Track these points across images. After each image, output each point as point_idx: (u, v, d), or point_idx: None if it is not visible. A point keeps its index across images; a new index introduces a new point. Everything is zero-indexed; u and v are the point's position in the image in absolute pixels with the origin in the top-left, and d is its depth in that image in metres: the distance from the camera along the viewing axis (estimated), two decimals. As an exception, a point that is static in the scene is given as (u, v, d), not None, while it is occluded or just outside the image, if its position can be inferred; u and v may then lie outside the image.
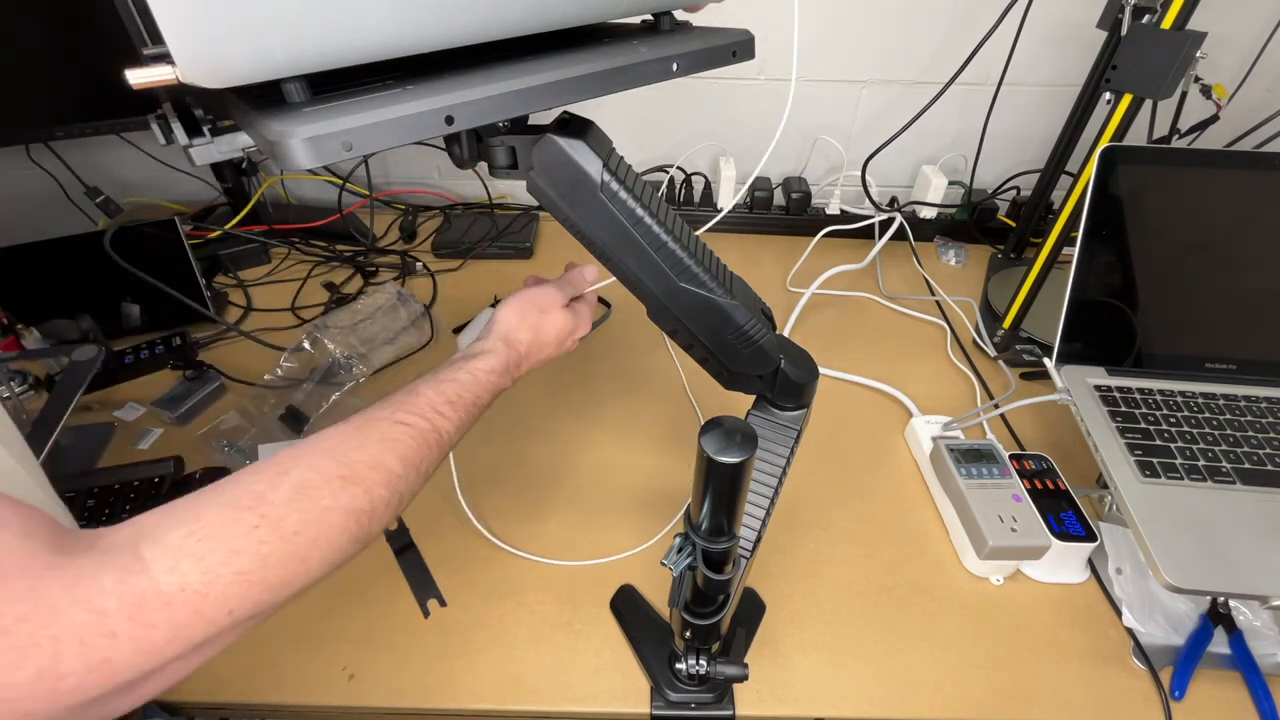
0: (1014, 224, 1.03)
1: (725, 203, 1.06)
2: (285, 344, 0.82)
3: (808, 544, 0.64)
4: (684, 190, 1.06)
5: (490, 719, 0.53)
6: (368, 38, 0.30)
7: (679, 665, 0.50)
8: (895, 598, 0.60)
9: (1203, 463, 0.59)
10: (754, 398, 0.50)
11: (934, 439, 0.68)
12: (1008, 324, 0.83)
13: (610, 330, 0.88)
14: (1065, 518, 0.60)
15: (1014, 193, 1.06)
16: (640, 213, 0.41)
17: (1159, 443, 0.61)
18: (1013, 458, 0.65)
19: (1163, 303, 0.68)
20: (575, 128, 0.41)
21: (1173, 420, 0.63)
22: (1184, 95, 0.73)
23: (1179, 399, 0.65)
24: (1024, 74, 0.93)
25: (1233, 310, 0.68)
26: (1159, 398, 0.65)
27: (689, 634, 0.47)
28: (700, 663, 0.49)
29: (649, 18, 0.44)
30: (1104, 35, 0.75)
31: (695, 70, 0.39)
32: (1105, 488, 0.63)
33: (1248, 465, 0.59)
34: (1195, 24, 0.63)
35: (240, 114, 0.31)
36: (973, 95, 0.95)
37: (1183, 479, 0.58)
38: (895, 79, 1.00)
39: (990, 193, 1.06)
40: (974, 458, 0.65)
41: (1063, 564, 0.60)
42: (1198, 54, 0.63)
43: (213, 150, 0.36)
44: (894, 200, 1.07)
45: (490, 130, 0.40)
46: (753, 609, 0.58)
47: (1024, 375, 0.81)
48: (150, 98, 0.31)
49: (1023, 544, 0.58)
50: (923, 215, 1.05)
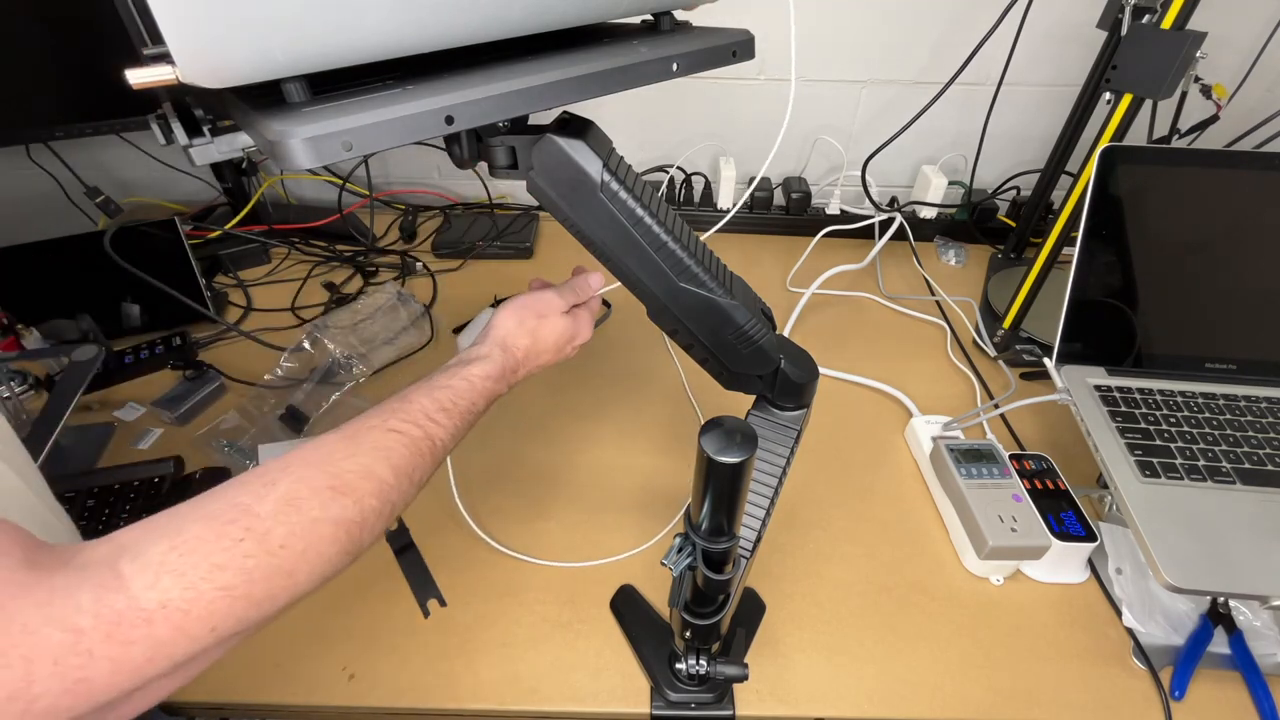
0: (1014, 224, 1.03)
1: (725, 203, 1.06)
2: (285, 344, 0.82)
3: (808, 544, 0.64)
4: (684, 190, 1.06)
5: (490, 719, 0.53)
6: (368, 38, 0.30)
7: (679, 665, 0.50)
8: (895, 598, 0.60)
9: (1203, 463, 0.59)
10: (754, 398, 0.50)
11: (934, 439, 0.68)
12: (1008, 324, 0.83)
13: (610, 330, 0.88)
14: (1065, 518, 0.60)
15: (1014, 193, 1.06)
16: (640, 213, 0.41)
17: (1159, 443, 0.61)
18: (1013, 458, 0.65)
19: (1163, 303, 0.68)
20: (575, 128, 0.41)
21: (1173, 420, 0.63)
22: (1184, 95, 0.73)
23: (1179, 399, 0.65)
24: (1024, 74, 0.93)
25: (1233, 310, 0.68)
26: (1159, 398, 0.65)
27: (689, 634, 0.47)
28: (700, 663, 0.49)
29: (649, 18, 0.44)
30: (1104, 35, 0.75)
31: (695, 70, 0.39)
32: (1105, 488, 0.63)
33: (1248, 465, 0.59)
34: (1195, 24, 0.63)
35: (240, 114, 0.31)
36: (973, 95, 0.95)
37: (1183, 479, 0.58)
38: (895, 79, 1.00)
39: (990, 193, 1.06)
40: (974, 458, 0.65)
41: (1063, 564, 0.60)
42: (1198, 54, 0.64)
43: (213, 150, 0.36)
44: (894, 200, 1.07)
45: (490, 130, 0.40)
46: (753, 609, 0.58)
47: (1024, 375, 0.82)
48: (150, 98, 0.31)
49: (1023, 544, 0.58)
50: (923, 215, 1.05)
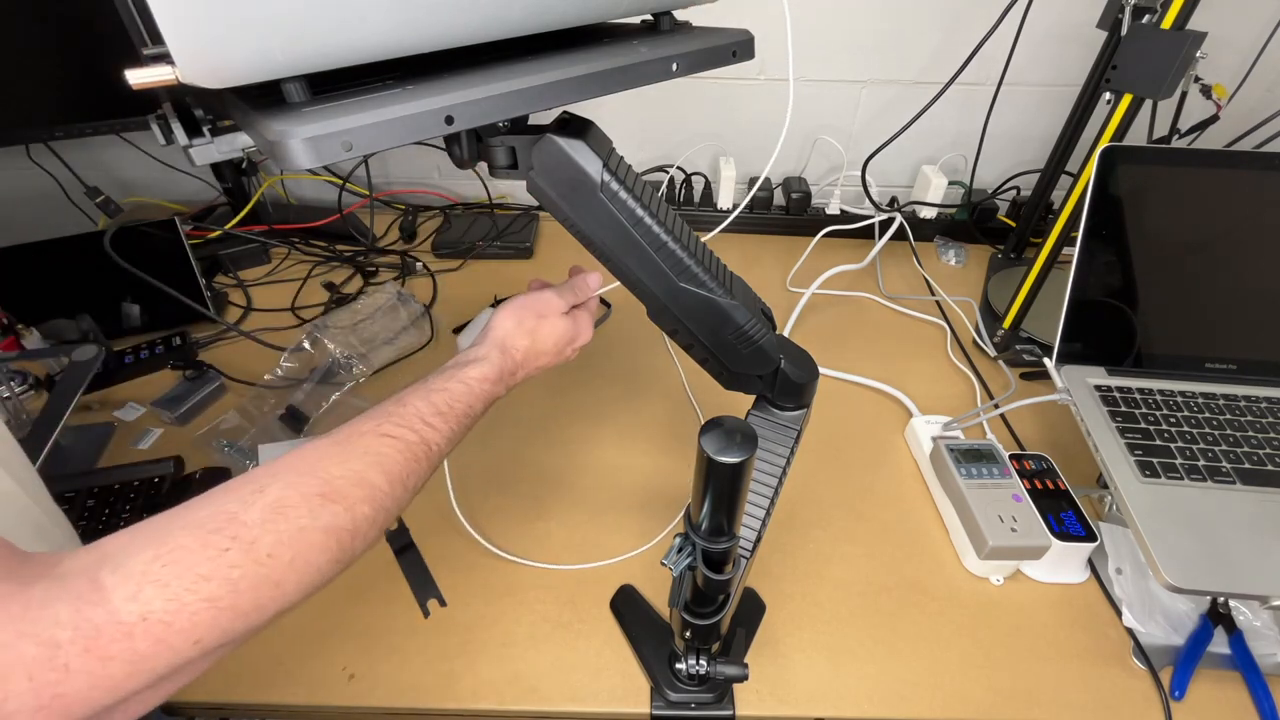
0: (1014, 224, 1.03)
1: (725, 203, 1.06)
2: (285, 344, 0.82)
3: (808, 544, 0.64)
4: (684, 190, 1.06)
5: (490, 719, 0.53)
6: (368, 38, 0.30)
7: (679, 665, 0.50)
8: (895, 598, 0.60)
9: (1203, 463, 0.59)
10: (754, 398, 0.50)
11: (934, 439, 0.68)
12: (1008, 324, 0.83)
13: (610, 330, 0.88)
14: (1065, 518, 0.60)
15: (1014, 193, 1.06)
16: (640, 213, 0.41)
17: (1159, 443, 0.61)
18: (1013, 458, 0.65)
19: (1163, 303, 0.68)
20: (575, 128, 0.41)
21: (1173, 420, 0.63)
22: (1184, 95, 0.73)
23: (1179, 399, 0.65)
24: (1024, 74, 0.93)
25: (1233, 310, 0.68)
26: (1159, 398, 0.65)
27: (689, 634, 0.47)
28: (700, 663, 0.49)
29: (649, 18, 0.43)
30: (1104, 35, 0.75)
31: (695, 70, 0.39)
32: (1105, 488, 0.63)
33: (1248, 465, 0.59)
34: (1195, 24, 0.63)
35: (240, 114, 0.31)
36: (973, 95, 0.95)
37: (1183, 479, 0.58)
38: (895, 79, 1.00)
39: (990, 193, 1.06)
40: (974, 458, 0.65)
41: (1063, 564, 0.60)
42: (1198, 54, 0.64)
43: (213, 150, 0.36)
44: (894, 200, 1.07)
45: (490, 130, 0.40)
46: (753, 609, 0.58)
47: (1024, 375, 0.82)
48: (150, 98, 0.31)
49: (1023, 544, 0.58)
50: (923, 215, 1.05)
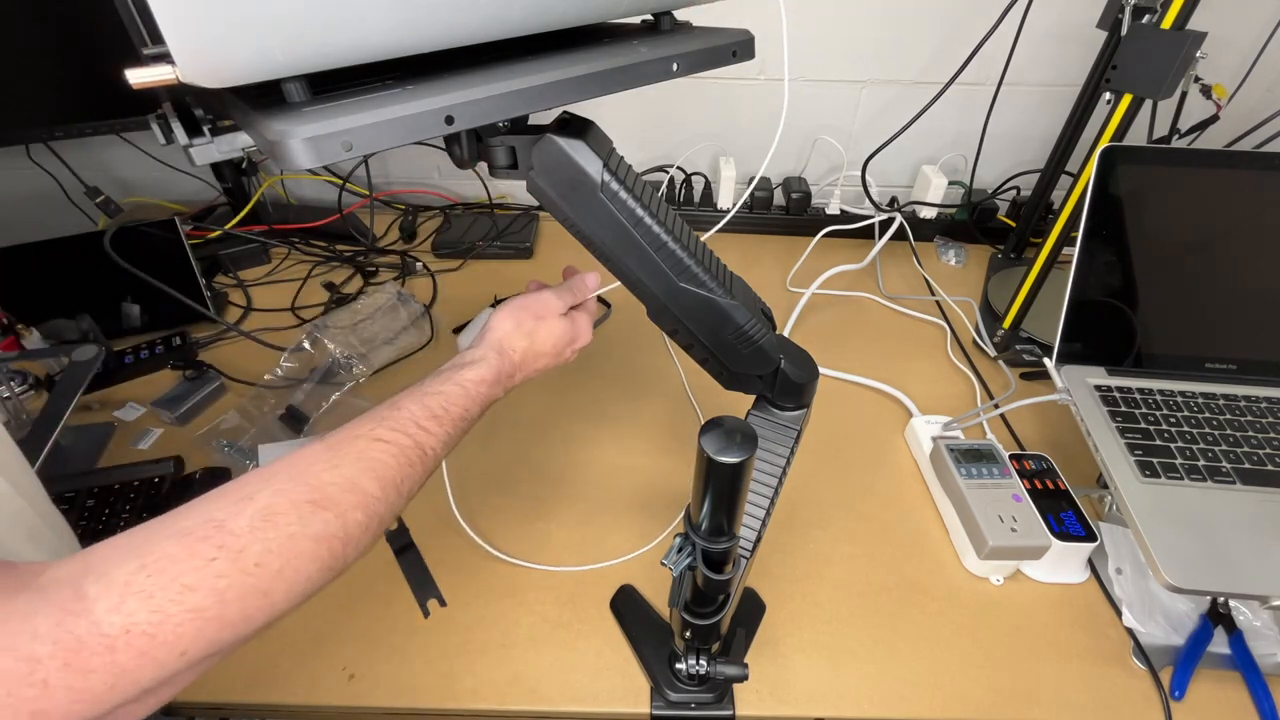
0: (1014, 224, 1.03)
1: (725, 203, 1.06)
2: (285, 344, 0.82)
3: (808, 544, 0.64)
4: (684, 190, 1.06)
5: (490, 719, 0.53)
6: (368, 38, 0.30)
7: (679, 665, 0.50)
8: (895, 598, 0.60)
9: (1203, 463, 0.59)
10: (754, 398, 0.50)
11: (934, 439, 0.68)
12: (1008, 324, 0.83)
13: (610, 330, 0.88)
14: (1065, 518, 0.60)
15: (1014, 193, 1.06)
16: (640, 213, 0.41)
17: (1159, 443, 0.61)
18: (1013, 458, 0.65)
19: (1163, 303, 0.68)
20: (575, 128, 0.41)
21: (1173, 420, 0.63)
22: (1184, 95, 0.73)
23: (1179, 399, 0.65)
24: (1024, 74, 0.93)
25: (1233, 310, 0.68)
26: (1159, 398, 0.65)
27: (689, 634, 0.47)
28: (700, 663, 0.49)
29: (649, 18, 0.43)
30: (1104, 35, 0.75)
31: (695, 70, 0.39)
32: (1105, 488, 0.63)
33: (1248, 465, 0.59)
34: (1195, 24, 0.63)
35: (240, 114, 0.31)
36: (973, 95, 0.95)
37: (1183, 479, 0.58)
38: (895, 79, 1.00)
39: (990, 193, 1.06)
40: (974, 458, 0.65)
41: (1063, 564, 0.60)
42: (1198, 54, 0.64)
43: (213, 150, 0.36)
44: (894, 200, 1.07)
45: (490, 130, 0.40)
46: (753, 609, 0.58)
47: (1024, 375, 0.81)
48: (150, 97, 0.31)
49: (1023, 544, 0.58)
50: (923, 215, 1.05)
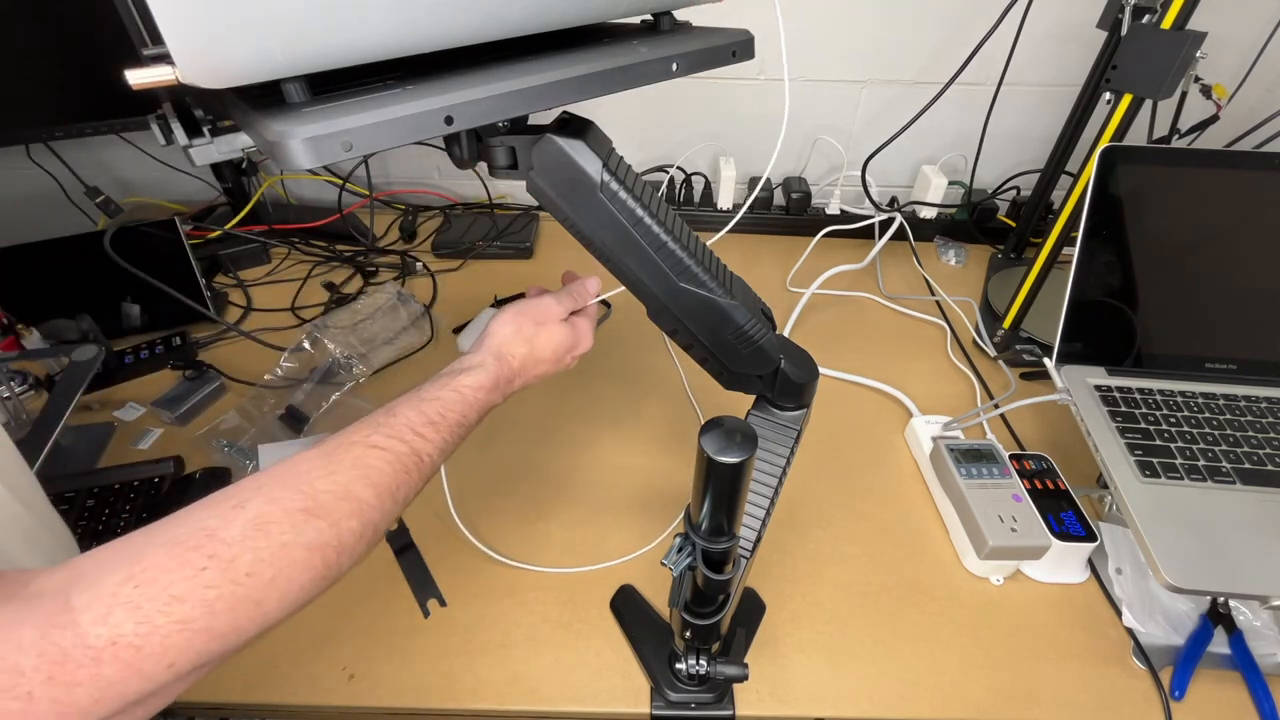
0: (1014, 224, 1.03)
1: (725, 203, 1.06)
2: (285, 344, 0.82)
3: (808, 544, 0.64)
4: (684, 190, 1.06)
5: (490, 719, 0.53)
6: (368, 38, 0.30)
7: (679, 665, 0.50)
8: (895, 598, 0.60)
9: (1203, 463, 0.59)
10: (754, 398, 0.50)
11: (934, 439, 0.68)
12: (1008, 324, 0.83)
13: (610, 330, 0.88)
14: (1065, 518, 0.60)
15: (1014, 193, 1.06)
16: (640, 213, 0.41)
17: (1159, 443, 0.61)
18: (1013, 458, 0.65)
19: (1163, 303, 0.68)
20: (575, 128, 0.41)
21: (1173, 420, 0.63)
22: (1184, 95, 0.73)
23: (1179, 399, 0.65)
24: (1024, 74, 0.93)
25: (1233, 310, 0.68)
26: (1159, 398, 0.65)
27: (689, 634, 0.47)
28: (700, 663, 0.49)
29: (649, 18, 0.44)
30: (1104, 35, 0.75)
31: (695, 70, 0.39)
32: (1105, 488, 0.63)
33: (1248, 465, 0.59)
34: (1195, 24, 0.63)
35: (240, 114, 0.31)
36: (973, 95, 0.95)
37: (1183, 479, 0.58)
38: (895, 79, 1.00)
39: (990, 193, 1.06)
40: (974, 458, 0.65)
41: (1063, 564, 0.60)
42: (1198, 54, 0.64)
43: (212, 150, 0.36)
44: (894, 200, 1.07)
45: (490, 130, 0.40)
46: (753, 609, 0.58)
47: (1024, 375, 0.81)
48: (150, 98, 0.31)
49: (1023, 544, 0.58)
50: (923, 215, 1.05)
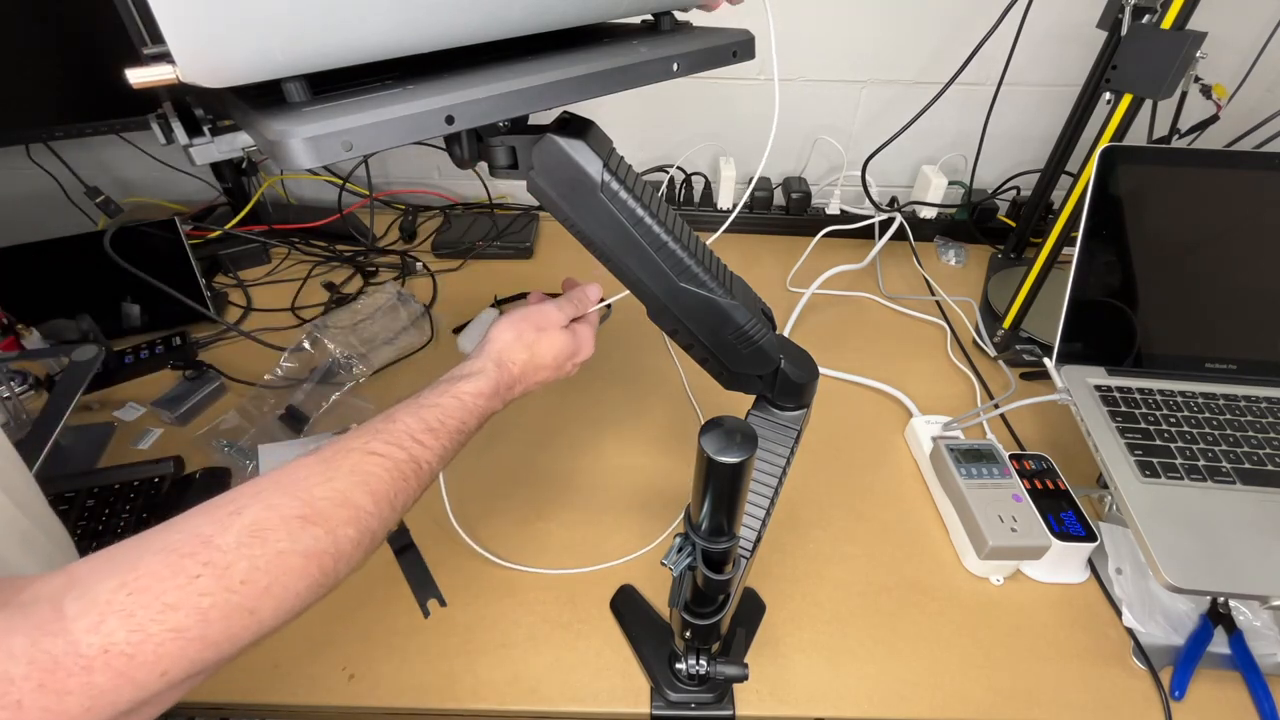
0: (1014, 224, 1.03)
1: (725, 203, 1.06)
2: (285, 344, 0.82)
3: (808, 544, 0.64)
4: (684, 190, 1.06)
5: (490, 719, 0.53)
6: (368, 37, 0.30)
7: (679, 665, 0.50)
8: (895, 598, 0.60)
9: (1203, 463, 0.59)
10: (754, 398, 0.50)
11: (934, 439, 0.68)
12: (1008, 324, 0.83)
13: (610, 331, 0.88)
14: (1065, 518, 0.60)
15: (1014, 193, 1.06)
16: (640, 213, 0.41)
17: (1159, 443, 0.61)
18: (1013, 458, 0.65)
19: (1163, 303, 0.68)
20: (575, 128, 0.41)
21: (1173, 420, 0.63)
22: (1184, 95, 0.73)
23: (1179, 399, 0.65)
24: (1024, 74, 0.93)
25: (1233, 310, 0.68)
26: (1159, 398, 0.65)
27: (689, 634, 0.47)
28: (700, 663, 0.49)
29: (649, 18, 0.44)
30: (1104, 35, 0.75)
31: (695, 70, 0.39)
32: (1105, 488, 0.63)
33: (1248, 465, 0.59)
34: (1195, 24, 0.63)
35: (240, 114, 0.31)
36: (973, 95, 0.95)
37: (1183, 479, 0.58)
38: (895, 79, 1.00)
39: (990, 193, 1.06)
40: (974, 458, 0.65)
41: (1063, 564, 0.60)
42: (1198, 54, 0.64)
43: (213, 150, 0.36)
44: (894, 200, 1.07)
45: (490, 130, 0.40)
46: (753, 609, 0.58)
47: (1024, 375, 0.81)
48: (150, 97, 0.31)
49: (1023, 544, 0.58)
50: (923, 215, 1.05)
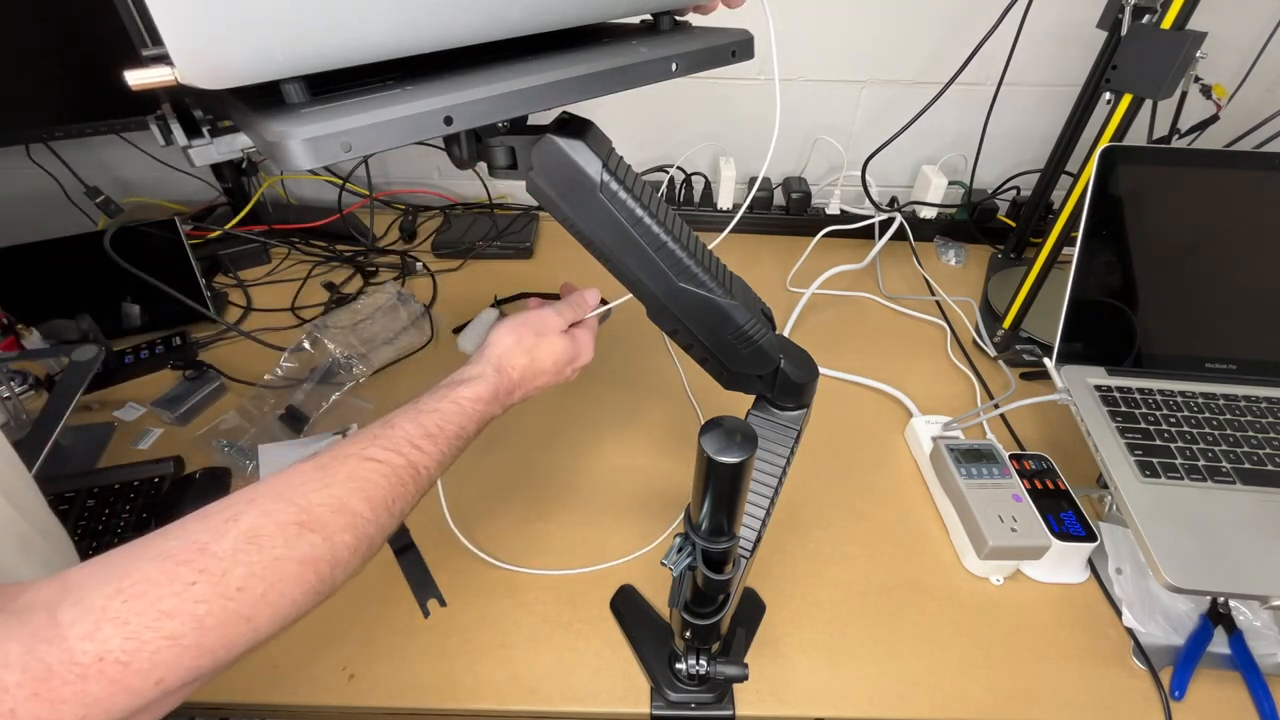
0: (1014, 224, 1.03)
1: (725, 203, 1.06)
2: (285, 344, 0.82)
3: (808, 544, 0.64)
4: (684, 190, 1.06)
5: (490, 719, 0.53)
6: (367, 38, 0.30)
7: (679, 665, 0.50)
8: (895, 598, 0.60)
9: (1203, 463, 0.59)
10: (754, 398, 0.50)
11: (934, 439, 0.68)
12: (1008, 324, 0.83)
13: (610, 331, 0.88)
14: (1065, 518, 0.60)
15: (1014, 193, 1.06)
16: (640, 213, 0.41)
17: (1159, 443, 0.61)
18: (1013, 458, 0.65)
19: (1163, 303, 0.68)
20: (575, 128, 0.41)
21: (1173, 420, 0.63)
22: (1184, 95, 0.73)
23: (1179, 399, 0.65)
24: (1024, 74, 0.93)
25: (1233, 310, 0.68)
26: (1159, 398, 0.65)
27: (689, 634, 0.47)
28: (700, 663, 0.49)
29: (649, 18, 0.44)
30: (1104, 35, 0.75)
31: (695, 70, 0.39)
32: (1105, 488, 0.63)
33: (1248, 465, 0.59)
34: (1195, 24, 0.62)
35: (239, 115, 0.31)
36: (973, 95, 0.95)
37: (1183, 479, 0.58)
38: (895, 79, 1.00)
39: (990, 193, 1.06)
40: (974, 458, 0.65)
41: (1063, 564, 0.60)
42: (1198, 54, 0.63)
43: (212, 151, 0.36)
44: (894, 200, 1.07)
45: (490, 130, 0.40)
46: (753, 609, 0.58)
47: (1024, 375, 0.81)
48: (150, 98, 0.31)
49: (1023, 544, 0.58)
50: (923, 215, 1.05)
